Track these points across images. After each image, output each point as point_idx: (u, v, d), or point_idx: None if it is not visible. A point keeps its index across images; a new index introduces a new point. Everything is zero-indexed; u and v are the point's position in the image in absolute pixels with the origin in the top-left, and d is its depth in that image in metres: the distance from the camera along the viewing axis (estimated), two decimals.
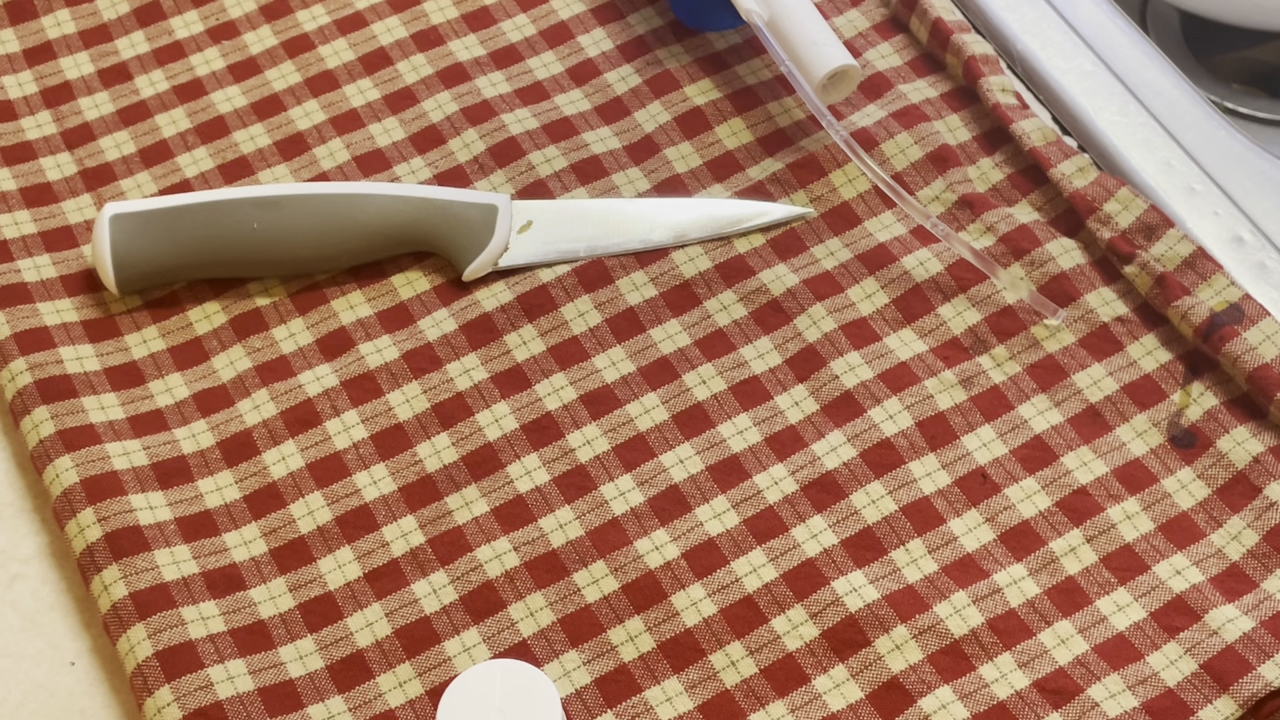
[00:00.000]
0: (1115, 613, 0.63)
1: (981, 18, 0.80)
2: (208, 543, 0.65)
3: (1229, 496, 0.65)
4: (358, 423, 0.68)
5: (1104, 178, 0.72)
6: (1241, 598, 0.63)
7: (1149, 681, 0.61)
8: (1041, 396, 0.68)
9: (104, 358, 0.70)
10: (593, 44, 0.79)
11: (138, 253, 0.70)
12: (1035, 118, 0.75)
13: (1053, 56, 0.78)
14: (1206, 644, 0.62)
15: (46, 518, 0.67)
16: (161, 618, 0.62)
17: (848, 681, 0.61)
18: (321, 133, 0.76)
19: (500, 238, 0.71)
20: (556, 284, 0.71)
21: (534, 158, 0.75)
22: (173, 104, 0.77)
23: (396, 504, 0.66)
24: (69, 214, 0.74)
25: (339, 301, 0.71)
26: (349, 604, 0.63)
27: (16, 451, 0.69)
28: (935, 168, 0.74)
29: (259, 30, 0.80)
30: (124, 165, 0.75)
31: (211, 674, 0.61)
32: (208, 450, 0.67)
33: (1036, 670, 0.61)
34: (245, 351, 0.70)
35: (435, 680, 0.62)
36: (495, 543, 0.65)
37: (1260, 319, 0.68)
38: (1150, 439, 0.67)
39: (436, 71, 0.78)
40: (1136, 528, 0.65)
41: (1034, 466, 0.66)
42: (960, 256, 0.71)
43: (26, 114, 0.77)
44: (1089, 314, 0.70)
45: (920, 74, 0.77)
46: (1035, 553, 0.64)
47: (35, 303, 0.71)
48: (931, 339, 0.70)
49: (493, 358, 0.69)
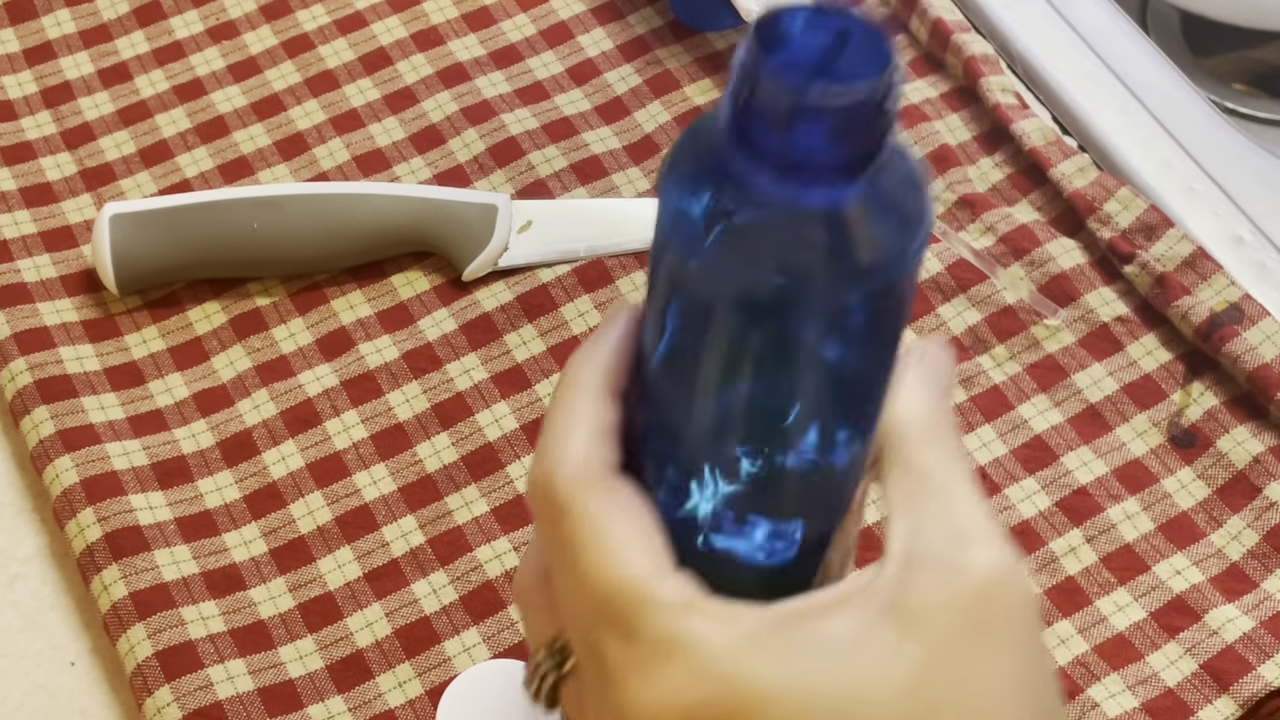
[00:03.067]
0: (1115, 613, 0.63)
1: (981, 18, 0.80)
2: (208, 543, 0.65)
3: (1229, 496, 0.65)
4: (358, 423, 0.68)
5: (1104, 178, 0.72)
6: (1241, 598, 0.63)
7: (1149, 681, 0.61)
8: (1041, 396, 0.68)
9: (104, 358, 0.70)
10: (593, 44, 0.79)
11: (138, 253, 0.70)
12: (1035, 118, 0.75)
13: (1053, 56, 0.78)
14: (1206, 644, 0.62)
15: (46, 518, 0.67)
16: (161, 618, 0.62)
17: None
18: (321, 133, 0.76)
19: (500, 238, 0.71)
20: (556, 284, 0.71)
21: (534, 158, 0.75)
22: (173, 104, 0.77)
23: (396, 504, 0.66)
24: (69, 214, 0.74)
25: (339, 301, 0.71)
26: (349, 604, 0.63)
27: (16, 451, 0.69)
28: (935, 168, 0.74)
29: (259, 30, 0.80)
30: (124, 165, 0.75)
31: (211, 674, 0.61)
32: (208, 450, 0.67)
33: None
34: (245, 351, 0.70)
35: (435, 680, 0.62)
36: (495, 542, 0.65)
37: (1260, 319, 0.68)
38: (1150, 439, 0.67)
39: (436, 71, 0.78)
40: (1136, 528, 0.65)
41: (1034, 466, 0.66)
42: (960, 256, 0.71)
43: (26, 114, 0.77)
44: (1089, 314, 0.70)
45: (920, 74, 0.77)
46: (1035, 552, 0.64)
47: (35, 303, 0.71)
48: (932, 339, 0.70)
49: (493, 357, 0.69)
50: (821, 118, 0.41)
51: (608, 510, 0.44)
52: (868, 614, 0.42)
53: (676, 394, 0.46)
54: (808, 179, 0.41)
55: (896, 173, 0.43)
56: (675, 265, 0.43)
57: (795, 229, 0.42)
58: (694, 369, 0.44)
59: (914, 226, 0.43)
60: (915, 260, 0.43)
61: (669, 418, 0.46)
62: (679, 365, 0.45)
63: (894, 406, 0.46)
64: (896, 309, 0.44)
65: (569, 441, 0.45)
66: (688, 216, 0.43)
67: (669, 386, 0.46)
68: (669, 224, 0.43)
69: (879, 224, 0.43)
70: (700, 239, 0.42)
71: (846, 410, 0.46)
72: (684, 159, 0.44)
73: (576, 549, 0.44)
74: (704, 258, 0.42)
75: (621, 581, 0.43)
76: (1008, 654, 0.43)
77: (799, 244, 0.42)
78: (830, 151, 0.41)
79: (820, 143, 0.41)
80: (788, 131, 0.41)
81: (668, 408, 0.46)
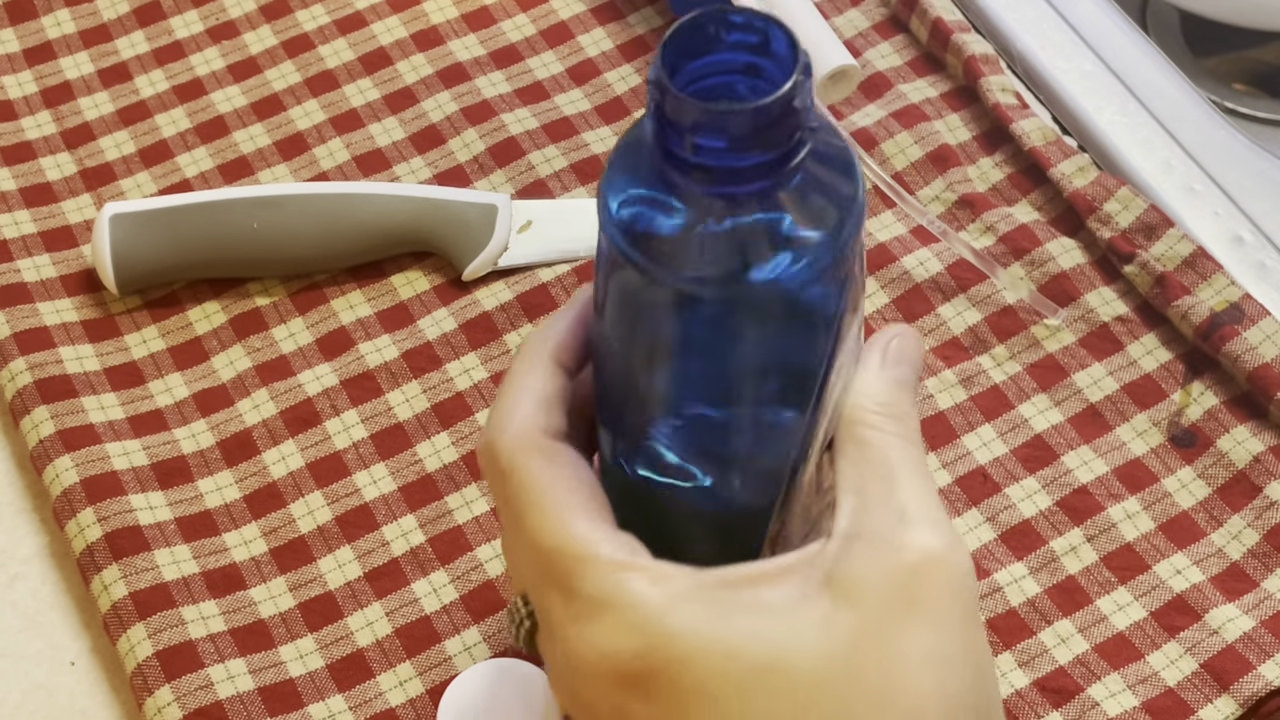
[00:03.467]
0: (1115, 612, 0.63)
1: (981, 18, 0.80)
2: (208, 542, 0.65)
3: (1229, 496, 0.65)
4: (358, 422, 0.68)
5: (1104, 177, 0.72)
6: (1242, 597, 0.63)
7: (1149, 681, 0.61)
8: (1042, 396, 0.68)
9: (104, 358, 0.70)
10: (593, 44, 0.79)
11: (138, 253, 0.70)
12: (1035, 118, 0.75)
13: (1053, 56, 0.78)
14: (1207, 643, 0.62)
15: (46, 518, 0.67)
16: (162, 617, 0.62)
17: None
18: (321, 133, 0.76)
19: (500, 237, 0.71)
20: (556, 283, 0.71)
21: (534, 158, 0.75)
22: (173, 104, 0.77)
23: (397, 503, 0.66)
24: (69, 214, 0.74)
25: (339, 301, 0.71)
26: (349, 603, 0.63)
27: (16, 451, 0.69)
28: (935, 167, 0.74)
29: (259, 30, 0.80)
30: (124, 165, 0.75)
31: (212, 673, 0.61)
32: (208, 450, 0.67)
33: (1036, 669, 0.61)
34: (245, 351, 0.70)
35: (436, 679, 0.62)
36: (495, 542, 0.65)
37: (1260, 318, 0.68)
38: (1150, 438, 0.67)
39: (436, 71, 0.78)
40: (1137, 527, 0.65)
41: (1034, 466, 0.66)
42: (960, 256, 0.71)
43: (26, 114, 0.77)
44: (1089, 313, 0.70)
45: (920, 74, 0.77)
46: (1035, 552, 0.64)
47: (35, 303, 0.71)
48: (931, 339, 0.70)
49: (493, 357, 0.69)
50: (727, 127, 0.44)
51: (549, 473, 0.47)
52: (806, 585, 0.44)
53: (616, 368, 0.49)
54: (727, 181, 0.44)
55: (825, 158, 0.46)
56: (612, 261, 0.47)
57: (719, 226, 0.45)
58: (630, 347, 0.48)
59: (844, 210, 0.46)
60: (848, 242, 0.46)
61: (611, 389, 0.49)
62: (618, 343, 0.48)
63: (852, 387, 0.48)
64: (832, 291, 0.47)
65: (515, 409, 0.48)
66: (621, 217, 0.46)
67: (610, 361, 0.49)
68: (605, 224, 0.46)
69: (805, 213, 0.45)
70: (633, 238, 0.46)
71: (782, 388, 0.48)
72: (618, 166, 0.47)
73: (520, 510, 0.47)
74: (635, 256, 0.46)
75: (561, 540, 0.46)
76: (936, 631, 0.44)
77: (722, 239, 0.45)
78: (741, 156, 0.44)
79: (730, 149, 0.44)
80: (697, 141, 0.44)
81: (610, 380, 0.49)
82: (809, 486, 0.50)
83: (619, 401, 0.49)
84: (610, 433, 0.50)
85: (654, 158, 0.45)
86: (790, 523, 0.50)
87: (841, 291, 0.47)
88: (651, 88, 0.44)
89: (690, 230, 0.45)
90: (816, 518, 0.51)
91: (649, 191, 0.46)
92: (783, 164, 0.44)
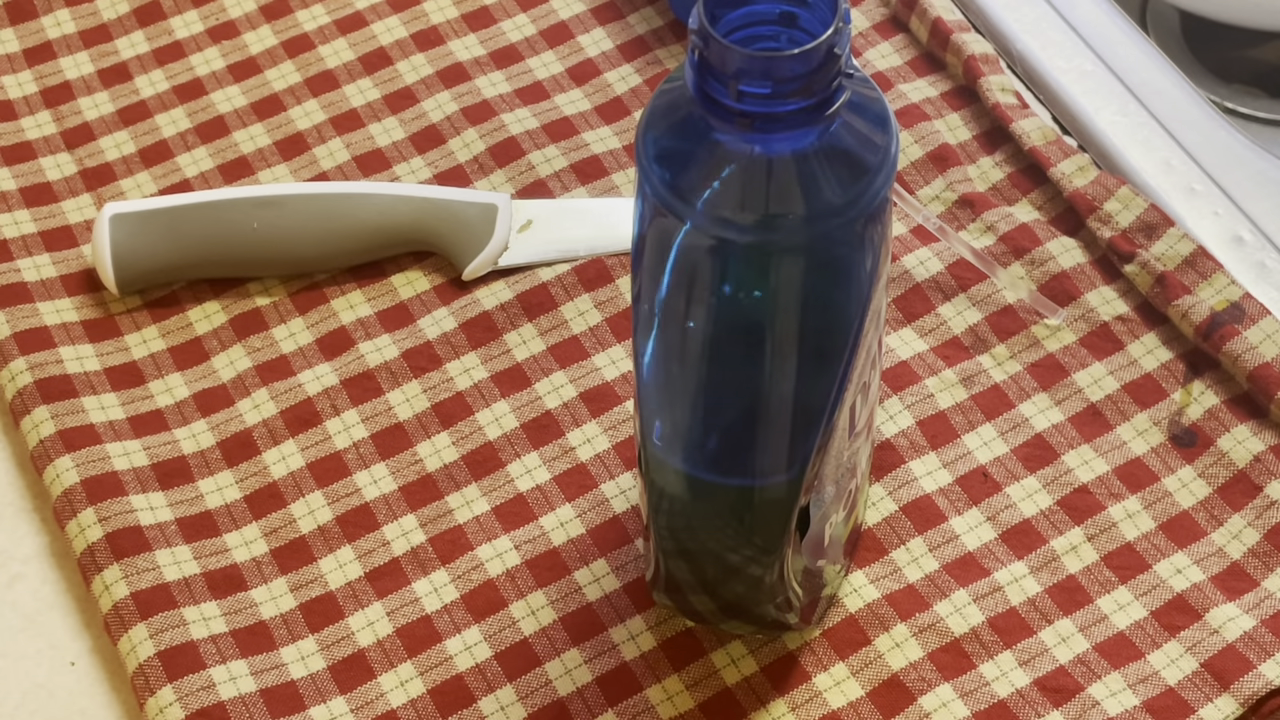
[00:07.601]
0: (1116, 611, 0.63)
1: (981, 18, 0.80)
2: (208, 543, 0.65)
3: (1230, 495, 0.65)
4: (358, 422, 0.68)
5: (1104, 177, 0.72)
6: (1242, 596, 0.63)
7: (1150, 680, 0.61)
8: (1042, 395, 0.68)
9: (104, 358, 0.70)
10: (593, 44, 0.79)
11: (138, 253, 0.70)
12: (1035, 117, 0.75)
13: (1053, 56, 0.78)
14: (1207, 643, 0.62)
15: (46, 518, 0.67)
16: (163, 618, 0.62)
17: (848, 679, 0.61)
18: (321, 133, 0.76)
19: (500, 237, 0.71)
20: (556, 283, 0.71)
21: (534, 157, 0.75)
22: (173, 104, 0.77)
23: (397, 503, 0.66)
24: (69, 214, 0.74)
25: (339, 301, 0.71)
26: (350, 603, 0.63)
27: (16, 451, 0.69)
28: (935, 167, 0.74)
29: (259, 30, 0.80)
30: (124, 165, 0.75)
31: (213, 674, 0.61)
32: (208, 450, 0.67)
33: (1037, 668, 0.61)
34: (245, 351, 0.70)
35: (437, 679, 0.62)
36: (496, 541, 0.65)
37: (1261, 318, 0.68)
38: (1151, 438, 0.67)
39: (436, 71, 0.78)
40: (1137, 526, 0.65)
41: (1035, 465, 0.66)
42: (960, 256, 0.71)
43: (26, 114, 0.77)
44: (1089, 313, 0.70)
45: (920, 74, 0.77)
46: (1036, 551, 0.64)
47: (35, 302, 0.71)
48: (932, 338, 0.70)
49: (493, 357, 0.69)
50: (771, 72, 0.46)
51: None
52: None
53: (658, 321, 0.51)
54: (768, 127, 0.46)
55: (860, 108, 0.48)
56: (654, 212, 0.48)
57: (760, 172, 0.46)
58: (673, 295, 0.50)
59: (879, 158, 0.47)
60: (881, 190, 0.48)
61: (655, 344, 0.51)
62: (660, 290, 0.50)
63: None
64: (868, 235, 0.49)
65: None
66: (662, 169, 0.47)
67: (649, 316, 0.51)
68: (645, 177, 0.48)
69: (843, 160, 0.47)
70: (676, 189, 0.47)
71: (819, 330, 0.50)
72: (654, 123, 0.48)
73: None
74: (678, 206, 0.47)
75: None
76: None
77: (763, 185, 0.46)
78: (783, 102, 0.45)
79: (773, 94, 0.45)
80: (741, 88, 0.45)
81: (655, 334, 0.51)
82: (842, 430, 0.51)
83: (661, 356, 0.51)
84: (654, 389, 0.51)
85: (693, 109, 0.46)
86: (825, 464, 0.52)
87: (876, 238, 0.48)
88: (694, 37, 0.45)
89: (732, 178, 0.46)
90: (850, 460, 0.52)
91: (688, 143, 0.47)
92: (822, 109, 0.45)
